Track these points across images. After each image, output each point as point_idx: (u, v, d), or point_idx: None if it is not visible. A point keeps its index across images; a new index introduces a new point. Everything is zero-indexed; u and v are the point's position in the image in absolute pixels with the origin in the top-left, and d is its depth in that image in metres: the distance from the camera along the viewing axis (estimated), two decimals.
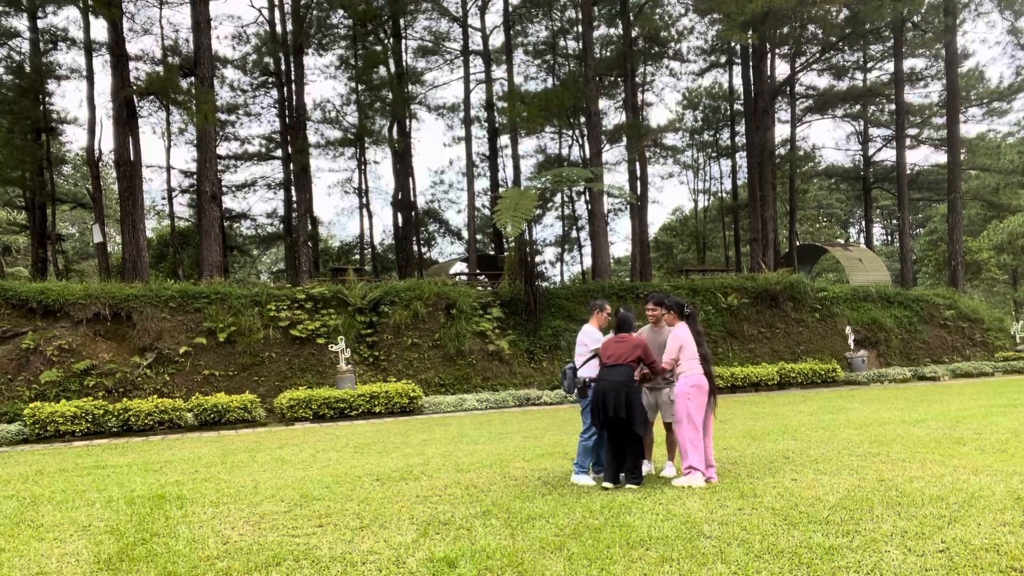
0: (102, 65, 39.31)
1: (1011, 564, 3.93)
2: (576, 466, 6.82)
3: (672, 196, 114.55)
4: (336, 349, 15.65)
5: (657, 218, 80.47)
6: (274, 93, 32.81)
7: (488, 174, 36.94)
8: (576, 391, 6.89)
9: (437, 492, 6.51)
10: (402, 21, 31.03)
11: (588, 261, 39.61)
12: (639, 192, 30.15)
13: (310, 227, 29.42)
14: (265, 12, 30.07)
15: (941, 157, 39.25)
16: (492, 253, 34.34)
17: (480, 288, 21.78)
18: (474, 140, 34.58)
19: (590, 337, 7.02)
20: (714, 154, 44.03)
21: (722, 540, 4.59)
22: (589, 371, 6.83)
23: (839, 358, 21.00)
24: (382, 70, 30.01)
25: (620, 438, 6.48)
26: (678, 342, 6.55)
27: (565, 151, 40.59)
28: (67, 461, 9.70)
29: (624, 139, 32.59)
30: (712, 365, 6.72)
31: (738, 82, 36.94)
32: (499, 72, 34.51)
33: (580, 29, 30.12)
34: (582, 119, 33.54)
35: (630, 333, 6.71)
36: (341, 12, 28.92)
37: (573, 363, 7.02)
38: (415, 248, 32.66)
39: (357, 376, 16.11)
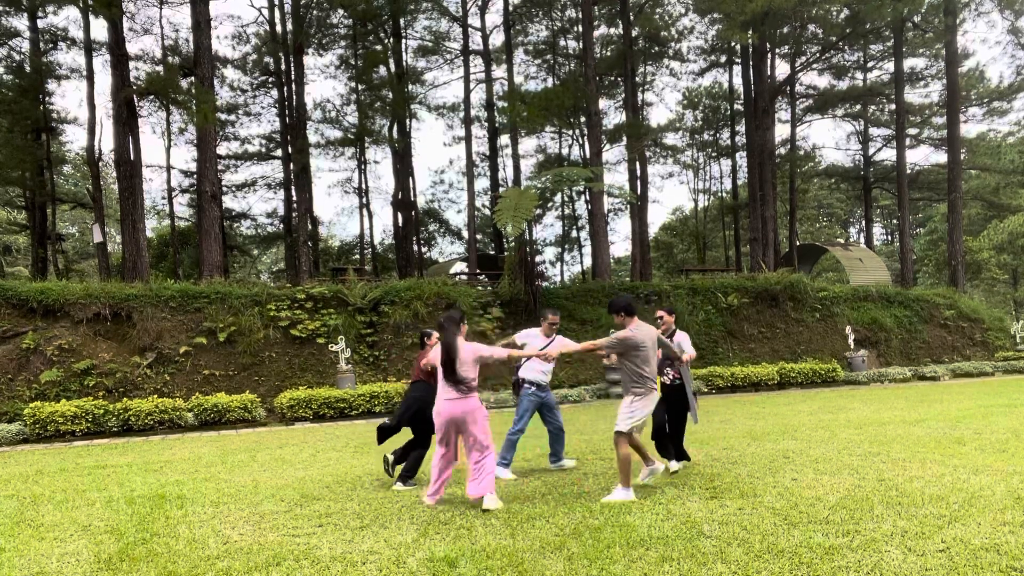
0: (102, 65, 39.40)
1: (1011, 564, 3.93)
2: (499, 458, 7.27)
3: (672, 196, 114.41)
4: (336, 349, 15.64)
5: (657, 218, 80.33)
6: (274, 93, 32.81)
7: (488, 174, 36.93)
8: (511, 389, 7.54)
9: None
10: (402, 21, 31.00)
11: (588, 261, 39.63)
12: (639, 192, 30.14)
13: (310, 227, 29.40)
14: (265, 12, 30.08)
15: (941, 157, 39.22)
16: (492, 253, 34.33)
17: (480, 288, 21.78)
18: (474, 140, 34.57)
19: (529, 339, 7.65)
20: (714, 154, 44.01)
21: (722, 540, 4.59)
22: (524, 372, 7.55)
23: (839, 358, 20.99)
24: (382, 70, 29.99)
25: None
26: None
27: (565, 151, 40.60)
28: (67, 461, 9.71)
29: (624, 139, 32.57)
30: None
31: (738, 82, 36.95)
32: (499, 72, 34.52)
33: (580, 29, 30.11)
34: (582, 119, 33.54)
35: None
36: (341, 12, 28.90)
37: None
38: (415, 248, 32.63)
39: (357, 376, 16.10)
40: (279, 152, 33.22)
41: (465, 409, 5.95)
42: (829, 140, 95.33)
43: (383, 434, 7.24)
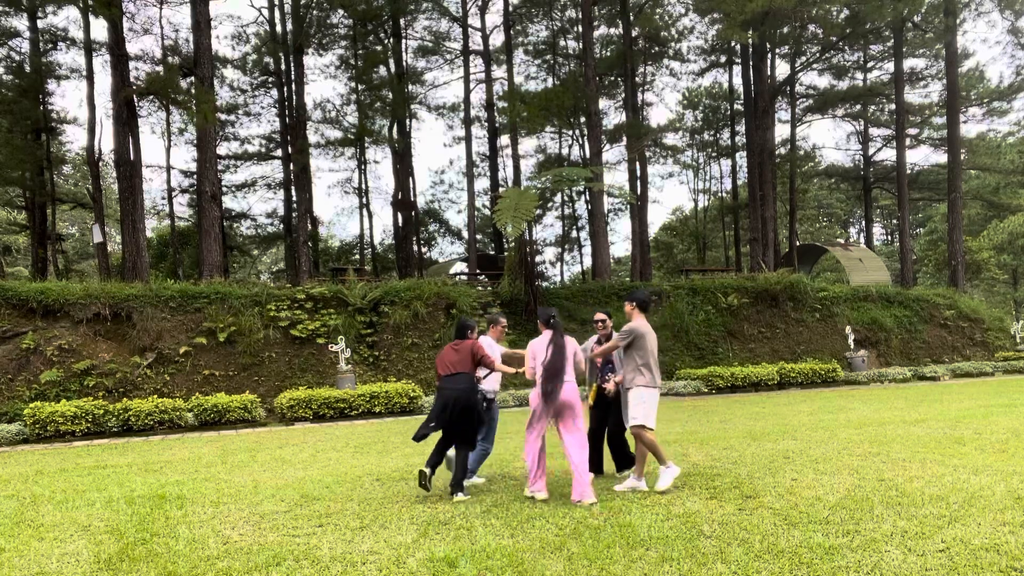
0: (102, 65, 39.34)
1: (1011, 564, 3.93)
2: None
3: (672, 196, 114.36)
4: (336, 349, 15.64)
5: (657, 218, 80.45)
6: (274, 93, 32.82)
7: (488, 174, 36.95)
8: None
9: (437, 492, 6.51)
10: (402, 21, 31.03)
11: (588, 261, 39.64)
12: (639, 192, 30.15)
13: (310, 227, 29.40)
14: (265, 12, 30.10)
15: (941, 157, 39.26)
16: (492, 253, 34.35)
17: (480, 288, 21.79)
18: (474, 140, 34.62)
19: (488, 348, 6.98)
20: (714, 154, 44.03)
21: (722, 540, 4.59)
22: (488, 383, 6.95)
23: (839, 358, 20.99)
24: (382, 70, 30.01)
25: (451, 440, 6.56)
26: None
27: (565, 151, 40.61)
28: (67, 461, 9.70)
29: (624, 139, 32.59)
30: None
31: (738, 82, 36.96)
32: (499, 72, 34.53)
33: (580, 29, 30.13)
34: (582, 119, 33.56)
35: (464, 339, 6.71)
36: (341, 12, 28.92)
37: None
38: (415, 248, 32.64)
39: (357, 376, 16.10)
40: (279, 152, 33.23)
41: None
42: (829, 140, 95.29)
43: None
